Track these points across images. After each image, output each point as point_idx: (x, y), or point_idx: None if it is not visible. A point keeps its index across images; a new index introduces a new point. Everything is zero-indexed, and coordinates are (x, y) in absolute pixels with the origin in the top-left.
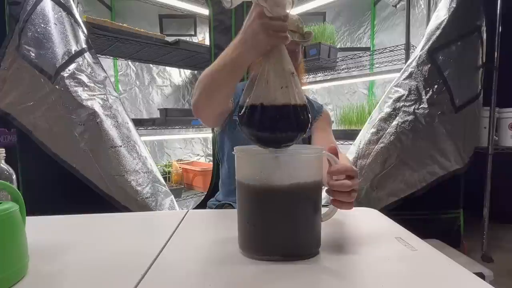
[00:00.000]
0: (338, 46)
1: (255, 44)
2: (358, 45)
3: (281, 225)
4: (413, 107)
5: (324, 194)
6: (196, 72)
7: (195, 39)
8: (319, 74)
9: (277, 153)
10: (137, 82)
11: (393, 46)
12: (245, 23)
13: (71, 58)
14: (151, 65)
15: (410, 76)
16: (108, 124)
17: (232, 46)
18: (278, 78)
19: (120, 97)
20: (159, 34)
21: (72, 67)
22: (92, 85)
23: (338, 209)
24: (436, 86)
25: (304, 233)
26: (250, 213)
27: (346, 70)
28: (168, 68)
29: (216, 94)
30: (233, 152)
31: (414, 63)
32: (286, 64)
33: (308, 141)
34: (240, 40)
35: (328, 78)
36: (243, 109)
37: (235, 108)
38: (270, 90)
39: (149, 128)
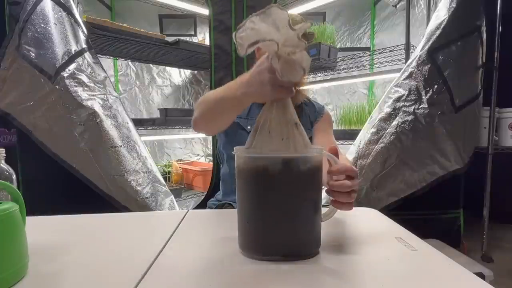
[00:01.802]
0: (338, 46)
1: (259, 92)
2: (358, 45)
3: (281, 225)
4: (413, 107)
5: (324, 194)
6: (196, 72)
7: (195, 39)
8: (319, 74)
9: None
10: (137, 82)
11: (393, 46)
12: (255, 66)
13: (71, 58)
14: (151, 65)
15: (410, 76)
16: (108, 124)
17: (237, 83)
18: (280, 129)
19: (120, 97)
20: (159, 34)
21: (72, 67)
22: (92, 85)
23: (338, 209)
24: (436, 86)
25: (304, 233)
26: (250, 213)
27: (346, 70)
28: (168, 68)
29: (216, 120)
30: (233, 153)
31: (414, 63)
32: (290, 114)
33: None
34: (247, 82)
35: (328, 78)
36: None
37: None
38: (271, 141)
39: (149, 128)
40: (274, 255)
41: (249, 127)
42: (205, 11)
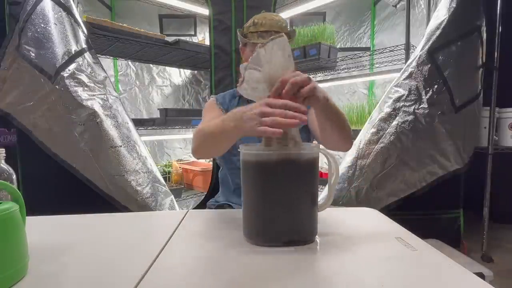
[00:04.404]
0: (338, 46)
1: (248, 127)
2: (358, 45)
3: (282, 215)
4: (413, 107)
5: (323, 194)
6: (196, 72)
7: (195, 39)
8: (319, 74)
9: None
10: (137, 82)
11: (393, 46)
12: (249, 106)
13: (71, 58)
14: (151, 65)
15: (410, 76)
16: (108, 124)
17: (230, 117)
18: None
19: (120, 97)
20: (159, 34)
21: (72, 67)
22: (92, 85)
23: (333, 207)
24: (436, 86)
25: (303, 222)
26: (254, 205)
27: (346, 70)
28: (168, 68)
29: (212, 151)
30: (238, 150)
31: (414, 63)
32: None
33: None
34: (240, 117)
35: (328, 78)
36: None
37: None
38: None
39: (149, 128)
40: (276, 242)
41: None
42: (205, 11)
